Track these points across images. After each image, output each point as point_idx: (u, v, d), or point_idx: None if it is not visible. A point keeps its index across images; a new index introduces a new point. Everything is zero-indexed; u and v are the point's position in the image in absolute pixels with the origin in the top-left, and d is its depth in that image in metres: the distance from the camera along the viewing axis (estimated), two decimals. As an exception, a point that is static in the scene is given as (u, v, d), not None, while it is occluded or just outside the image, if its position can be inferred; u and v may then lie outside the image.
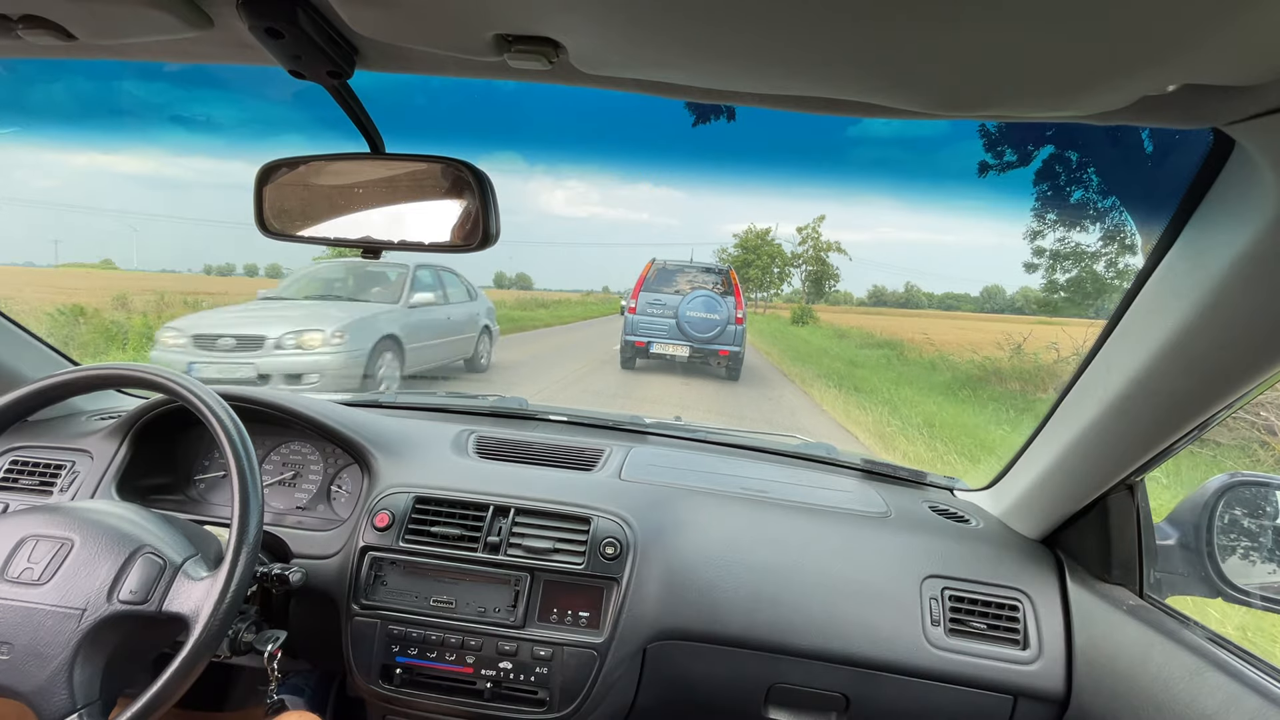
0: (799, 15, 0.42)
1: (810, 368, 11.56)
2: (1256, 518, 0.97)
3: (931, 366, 12.21)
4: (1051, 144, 8.29)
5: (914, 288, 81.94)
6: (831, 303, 45.37)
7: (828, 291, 45.07)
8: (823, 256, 43.35)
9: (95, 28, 0.57)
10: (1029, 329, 11.43)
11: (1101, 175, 8.83)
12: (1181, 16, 0.39)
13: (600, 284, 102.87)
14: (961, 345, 14.12)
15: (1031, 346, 10.75)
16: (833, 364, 12.15)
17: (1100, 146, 7.89)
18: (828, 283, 44.53)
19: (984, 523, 1.20)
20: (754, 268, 41.18)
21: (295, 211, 0.82)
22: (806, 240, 43.27)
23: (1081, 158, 8.57)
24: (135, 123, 30.63)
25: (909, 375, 11.00)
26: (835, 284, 45.33)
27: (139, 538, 0.85)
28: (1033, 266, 11.10)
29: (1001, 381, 9.53)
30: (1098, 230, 9.88)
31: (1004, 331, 11.77)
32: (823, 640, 1.03)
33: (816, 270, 43.77)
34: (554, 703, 1.04)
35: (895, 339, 17.31)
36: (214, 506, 1.26)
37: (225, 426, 0.88)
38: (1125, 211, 8.39)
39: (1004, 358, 10.86)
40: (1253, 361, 0.67)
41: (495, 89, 74.77)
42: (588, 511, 1.10)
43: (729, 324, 8.46)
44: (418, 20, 0.50)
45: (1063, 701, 0.98)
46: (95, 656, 0.77)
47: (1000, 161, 8.23)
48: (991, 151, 8.29)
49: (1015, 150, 8.41)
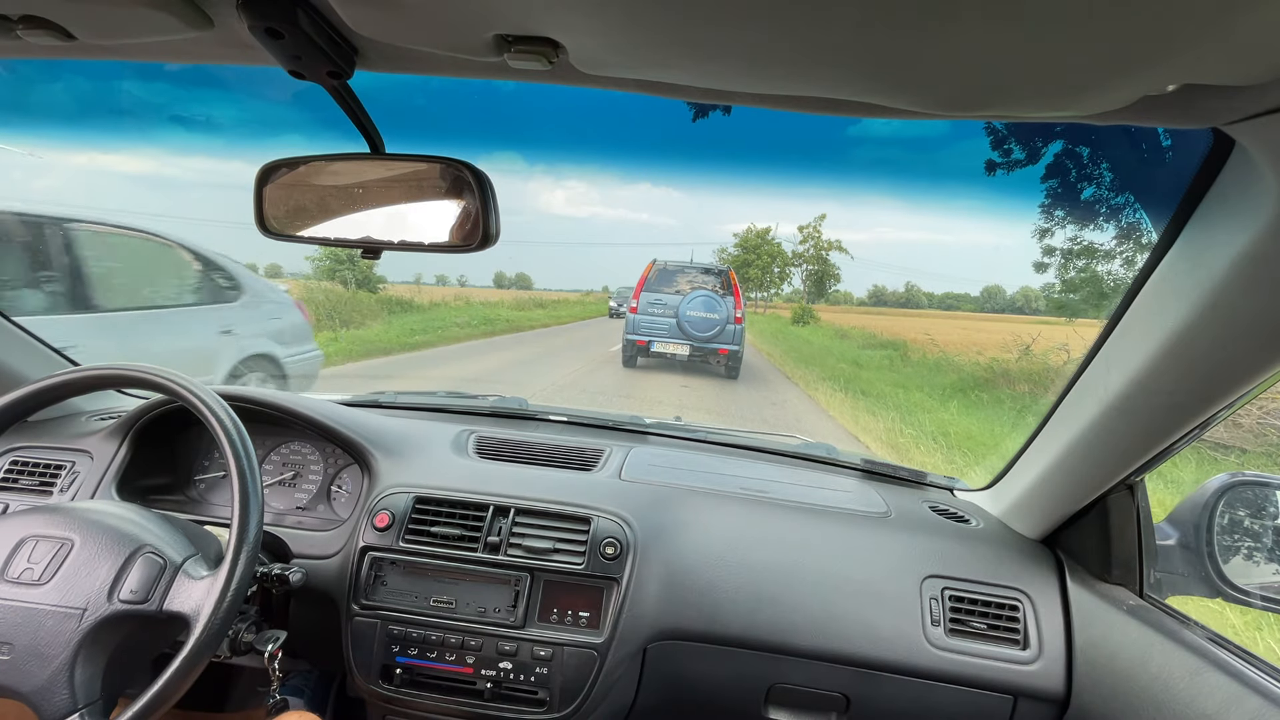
0: (799, 15, 0.42)
1: (814, 370, 11.35)
2: (1256, 518, 0.97)
3: (936, 368, 12.13)
4: (1059, 141, 8.22)
5: (914, 287, 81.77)
6: (831, 302, 45.17)
7: (829, 291, 44.72)
8: (824, 255, 43.03)
9: (95, 28, 0.57)
10: (1036, 330, 11.31)
11: (1101, 175, 8.79)
12: (1181, 16, 0.39)
13: (600, 284, 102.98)
14: (965, 346, 14.08)
15: (1040, 347, 10.59)
16: (836, 365, 11.96)
17: (1102, 146, 7.86)
18: (829, 282, 44.10)
19: (984, 523, 1.20)
20: (754, 267, 40.85)
21: (295, 212, 0.82)
22: (808, 239, 42.95)
23: (1088, 156, 8.50)
24: (135, 123, 30.60)
25: (914, 377, 10.88)
26: (836, 283, 44.94)
27: (139, 537, 0.85)
28: (1042, 266, 10.87)
29: (1010, 384, 9.29)
30: (1106, 229, 9.72)
31: (1011, 332, 11.63)
32: (823, 640, 1.03)
33: (818, 269, 43.35)
34: (554, 703, 1.04)
35: (898, 339, 17.01)
36: (214, 507, 1.26)
37: (225, 426, 0.88)
38: (1134, 211, 8.33)
39: (1011, 360, 10.73)
40: (1253, 361, 0.67)
41: (495, 89, 74.90)
42: (588, 511, 1.10)
43: (728, 323, 8.64)
44: (417, 20, 0.50)
45: (1063, 701, 0.98)
46: (96, 656, 0.77)
47: (1007, 160, 8.15)
48: (998, 150, 8.21)
49: (1023, 148, 8.34)
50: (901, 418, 7.26)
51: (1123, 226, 9.15)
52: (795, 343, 17.45)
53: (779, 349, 15.55)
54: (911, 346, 15.46)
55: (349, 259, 18.06)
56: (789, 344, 16.99)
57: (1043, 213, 9.81)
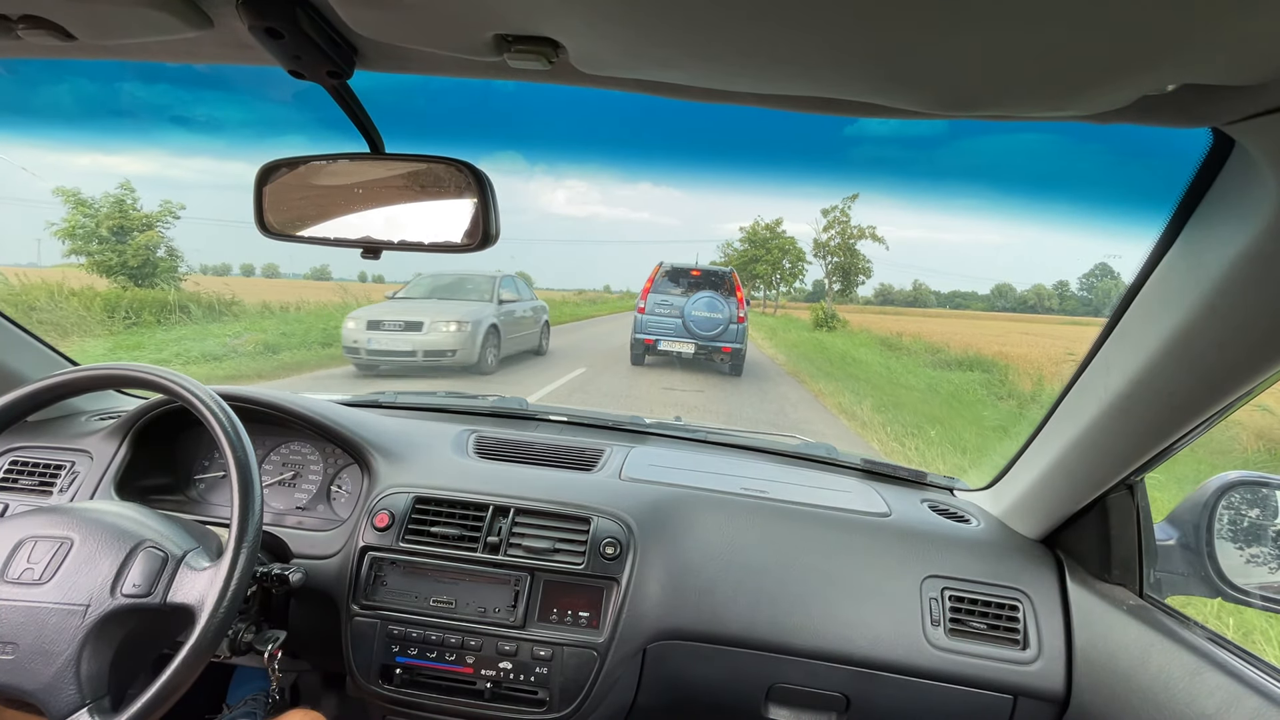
0: (799, 16, 0.42)
1: (886, 411, 7.26)
2: (1256, 518, 0.97)
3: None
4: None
5: (921, 285, 79.57)
6: (837, 301, 35.26)
7: (856, 288, 36.27)
8: (851, 245, 34.30)
9: (95, 28, 0.57)
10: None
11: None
12: (1181, 16, 0.39)
13: (601, 283, 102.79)
14: (1057, 361, 10.35)
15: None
16: (916, 400, 7.85)
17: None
18: (857, 278, 35.55)
19: (984, 523, 1.20)
20: (762, 263, 35.86)
21: (295, 212, 0.82)
22: (833, 225, 34.11)
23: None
24: (137, 124, 30.55)
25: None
26: (867, 279, 36.25)
27: (139, 533, 0.85)
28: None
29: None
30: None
31: (1075, 337, 8.17)
32: (823, 640, 1.03)
33: (844, 262, 34.74)
34: (554, 703, 1.04)
35: (977, 354, 11.97)
36: (214, 507, 1.26)
37: (224, 426, 0.88)
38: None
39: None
40: (1253, 361, 0.67)
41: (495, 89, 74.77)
42: (588, 511, 1.10)
43: (731, 323, 8.96)
44: (418, 20, 0.50)
45: (1063, 701, 0.98)
46: (102, 651, 0.78)
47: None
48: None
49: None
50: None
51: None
52: (832, 357, 12.53)
53: (811, 368, 10.87)
54: (995, 364, 10.74)
55: (112, 235, 12.23)
56: (820, 358, 12.35)
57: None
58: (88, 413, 1.40)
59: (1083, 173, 43.61)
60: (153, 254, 12.85)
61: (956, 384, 9.65)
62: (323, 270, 42.54)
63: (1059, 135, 49.83)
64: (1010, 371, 10.11)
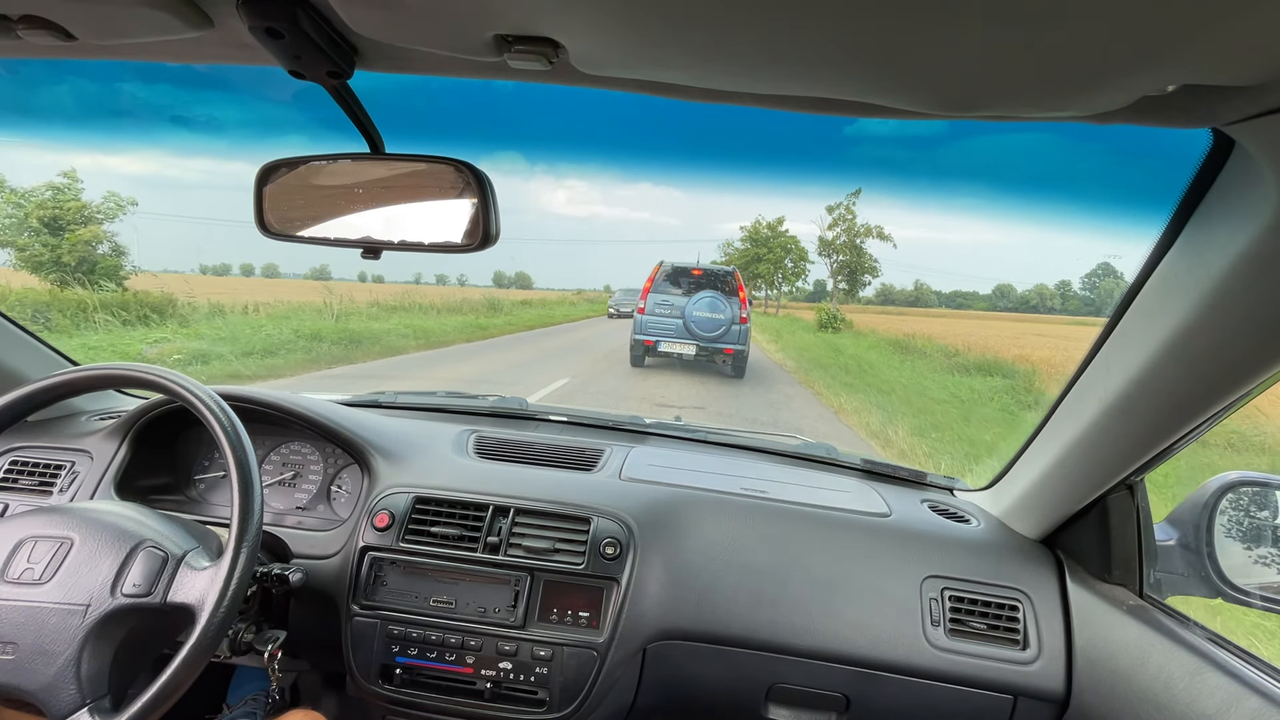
0: (799, 16, 0.42)
1: (907, 418, 6.91)
2: (1256, 518, 0.97)
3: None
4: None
5: (923, 285, 79.23)
6: (840, 301, 34.64)
7: (863, 287, 35.66)
8: (858, 243, 33.35)
9: (95, 28, 0.57)
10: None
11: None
12: (1181, 16, 0.39)
13: (602, 283, 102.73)
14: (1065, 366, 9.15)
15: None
16: (945, 416, 7.08)
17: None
18: (864, 277, 34.84)
19: (984, 523, 1.20)
20: (764, 263, 34.76)
21: (295, 212, 0.82)
22: (838, 223, 33.12)
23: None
24: (138, 124, 30.59)
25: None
26: (873, 278, 35.79)
27: (139, 533, 0.85)
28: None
29: (1235, 452, 4.78)
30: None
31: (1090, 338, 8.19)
32: (823, 640, 1.03)
33: (850, 261, 33.88)
34: (554, 703, 1.04)
35: (997, 358, 11.09)
36: (214, 507, 1.26)
37: (224, 426, 0.88)
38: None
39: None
40: (1253, 361, 0.67)
41: (495, 89, 74.87)
42: (587, 511, 1.10)
43: (734, 324, 8.80)
44: (418, 20, 0.50)
45: (1063, 701, 0.98)
46: (102, 651, 0.78)
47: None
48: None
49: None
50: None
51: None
52: (843, 361, 11.76)
53: (823, 375, 10.20)
54: (1018, 370, 9.91)
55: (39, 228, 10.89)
56: (831, 363, 11.59)
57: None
58: (88, 413, 1.40)
59: (1083, 173, 43.79)
60: (93, 250, 11.41)
61: (979, 390, 8.95)
62: (322, 270, 41.96)
63: (1059, 135, 50.03)
64: (1036, 377, 9.34)
